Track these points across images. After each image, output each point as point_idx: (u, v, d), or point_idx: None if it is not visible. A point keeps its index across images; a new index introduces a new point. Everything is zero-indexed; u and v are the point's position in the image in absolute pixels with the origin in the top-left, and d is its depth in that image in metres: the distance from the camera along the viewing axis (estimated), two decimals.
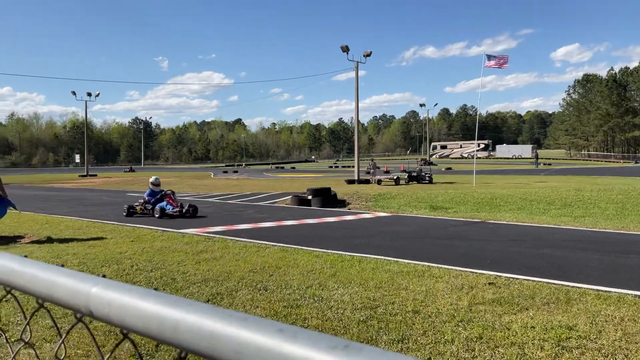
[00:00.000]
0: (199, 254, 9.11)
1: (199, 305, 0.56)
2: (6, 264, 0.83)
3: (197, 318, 0.53)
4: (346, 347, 0.43)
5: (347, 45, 31.87)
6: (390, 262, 8.23)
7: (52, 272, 0.75)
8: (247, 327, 0.50)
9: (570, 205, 16.58)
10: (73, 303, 0.69)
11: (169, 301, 0.58)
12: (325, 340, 0.45)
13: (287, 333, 0.47)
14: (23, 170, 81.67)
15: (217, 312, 0.54)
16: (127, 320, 0.60)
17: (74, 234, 11.61)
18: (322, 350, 0.44)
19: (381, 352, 0.42)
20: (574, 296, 6.20)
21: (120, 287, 0.65)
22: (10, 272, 0.81)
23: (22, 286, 0.79)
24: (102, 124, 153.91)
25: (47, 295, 0.73)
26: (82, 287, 0.68)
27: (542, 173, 43.16)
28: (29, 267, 0.79)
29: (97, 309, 0.65)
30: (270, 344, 0.47)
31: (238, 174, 54.35)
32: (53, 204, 20.58)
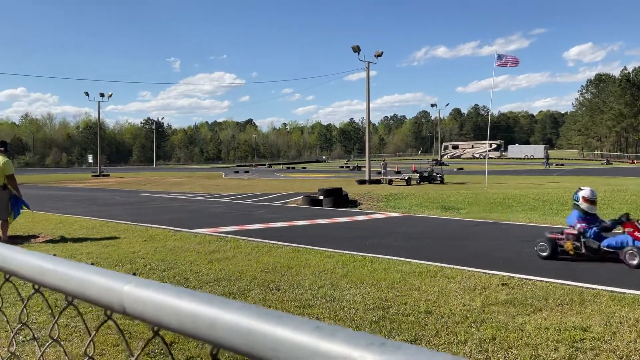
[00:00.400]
0: (211, 254, 9.15)
1: (235, 303, 0.57)
2: (38, 262, 0.85)
3: (233, 316, 0.54)
4: (383, 345, 0.44)
5: (358, 46, 31.88)
6: (403, 263, 8.22)
7: (84, 270, 0.76)
8: (284, 324, 0.51)
9: None
10: (106, 300, 0.70)
11: (205, 299, 0.59)
12: (362, 338, 0.46)
13: (324, 331, 0.48)
14: (37, 170, 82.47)
15: (253, 310, 0.55)
16: (162, 318, 0.62)
17: (87, 234, 11.71)
18: (360, 347, 0.44)
19: (417, 349, 0.42)
20: (588, 297, 6.16)
21: (154, 285, 0.66)
22: (42, 271, 0.83)
23: (54, 284, 0.80)
24: (115, 124, 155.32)
25: (79, 293, 0.75)
26: (114, 285, 0.70)
27: (554, 173, 42.87)
28: (60, 265, 0.81)
29: (130, 306, 0.66)
30: (307, 341, 0.48)
31: (249, 174, 54.50)
32: (66, 203, 20.76)
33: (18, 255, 0.91)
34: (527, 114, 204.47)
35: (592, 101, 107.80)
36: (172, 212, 16.74)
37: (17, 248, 0.95)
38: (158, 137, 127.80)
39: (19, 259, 0.90)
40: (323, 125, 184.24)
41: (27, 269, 0.87)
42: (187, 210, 17.54)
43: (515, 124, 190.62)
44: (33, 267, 0.86)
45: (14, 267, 0.91)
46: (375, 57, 32.90)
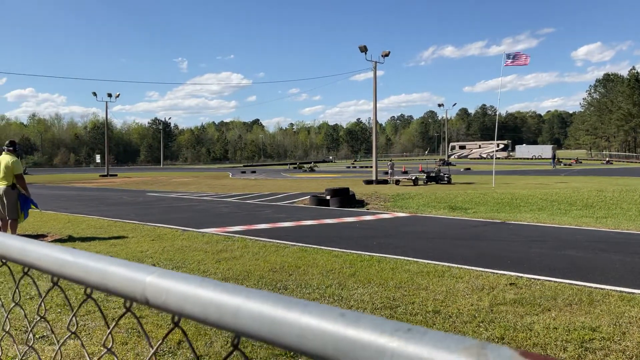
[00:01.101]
0: (219, 253, 9.17)
1: (259, 292, 0.58)
2: (59, 255, 0.86)
3: (258, 304, 0.55)
4: (409, 330, 0.44)
5: (365, 46, 31.86)
6: (410, 262, 8.22)
7: (104, 262, 0.77)
8: (309, 312, 0.51)
9: (592, 206, 16.38)
10: (128, 291, 0.71)
11: (228, 289, 0.60)
12: (388, 324, 0.46)
13: (349, 317, 0.49)
14: (45, 170, 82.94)
15: (277, 299, 0.55)
16: (185, 307, 0.63)
17: (95, 233, 11.77)
18: (386, 333, 0.45)
19: (444, 335, 0.43)
20: (597, 297, 6.14)
21: (176, 275, 0.67)
22: (63, 263, 0.84)
23: (75, 276, 0.81)
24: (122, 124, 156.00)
25: (101, 284, 0.76)
26: (137, 276, 0.70)
27: (562, 173, 42.69)
28: (81, 257, 0.82)
29: (153, 296, 0.67)
30: (332, 328, 0.49)
31: (256, 174, 54.59)
32: (74, 203, 20.87)
33: (38, 248, 0.92)
34: (534, 114, 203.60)
35: (600, 101, 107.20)
36: (179, 212, 16.79)
37: (37, 241, 0.97)
38: (165, 137, 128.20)
39: (39, 252, 0.91)
40: (330, 126, 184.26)
41: (47, 261, 0.88)
42: (194, 210, 17.59)
43: (522, 124, 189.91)
44: (53, 260, 0.87)
45: (34, 260, 0.92)
46: (382, 57, 32.86)
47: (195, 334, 4.97)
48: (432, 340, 0.42)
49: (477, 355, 0.40)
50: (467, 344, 0.41)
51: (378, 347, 0.45)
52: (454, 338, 0.43)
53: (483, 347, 0.41)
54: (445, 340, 0.42)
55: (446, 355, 0.41)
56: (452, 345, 0.42)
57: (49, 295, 6.15)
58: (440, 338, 0.43)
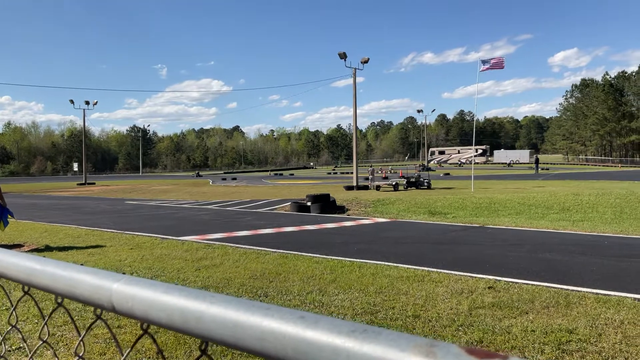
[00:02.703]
0: (199, 261, 9.11)
1: (222, 297, 0.59)
2: (26, 263, 0.86)
3: (221, 309, 0.56)
4: (365, 331, 0.45)
5: (344, 52, 32.03)
6: (390, 268, 8.25)
7: (72, 270, 0.77)
8: (270, 315, 0.52)
9: (569, 209, 16.63)
10: (95, 298, 0.71)
11: (192, 294, 0.60)
12: (345, 325, 0.48)
13: (308, 319, 0.50)
14: (22, 179, 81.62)
15: (239, 303, 0.56)
16: (150, 313, 0.63)
17: (72, 242, 11.61)
18: (342, 334, 0.46)
19: (398, 334, 0.44)
20: (574, 300, 6.23)
21: (143, 282, 0.68)
22: (31, 272, 0.84)
23: (44, 285, 0.81)
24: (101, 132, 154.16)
25: (68, 292, 0.75)
26: (104, 283, 0.71)
27: (540, 178, 43.26)
28: (50, 266, 0.82)
29: (119, 303, 0.67)
30: (292, 330, 0.50)
31: (237, 181, 54.37)
32: (51, 212, 20.57)
33: (5, 257, 0.92)
34: (512, 119, 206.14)
35: (576, 106, 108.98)
36: (158, 220, 16.65)
37: (5, 250, 0.96)
38: (144, 145, 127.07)
39: (7, 261, 0.91)
40: (310, 132, 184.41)
41: (16, 270, 0.88)
42: (174, 217, 17.46)
43: (500, 129, 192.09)
44: (22, 268, 0.86)
45: (2, 269, 0.91)
46: (361, 63, 33.05)
47: (175, 344, 4.93)
48: (385, 340, 0.44)
49: (427, 352, 0.41)
50: (417, 342, 0.43)
51: (335, 347, 0.46)
52: (406, 337, 0.44)
53: (432, 345, 0.42)
54: (398, 340, 0.44)
55: (398, 353, 0.42)
56: (403, 344, 0.43)
57: (26, 305, 6.05)
58: (393, 337, 0.44)
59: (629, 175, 46.91)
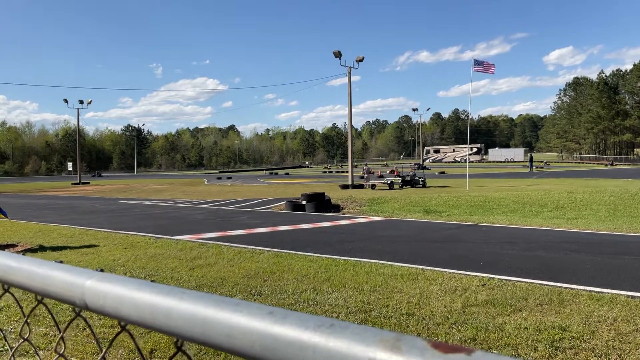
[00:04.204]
0: (193, 260, 9.09)
1: (192, 293, 0.58)
2: (3, 261, 0.85)
3: (190, 305, 0.55)
4: (332, 326, 0.45)
5: (339, 51, 32.00)
6: (385, 266, 8.25)
7: (48, 267, 0.76)
8: (239, 311, 0.51)
9: (563, 207, 16.67)
10: (68, 296, 0.70)
11: (163, 290, 0.60)
12: (312, 320, 0.47)
13: (277, 315, 0.49)
14: (16, 179, 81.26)
15: (209, 299, 0.55)
16: (121, 311, 0.62)
17: (66, 242, 11.57)
18: (309, 329, 0.45)
19: (364, 328, 0.44)
20: (567, 297, 6.24)
21: (116, 279, 0.67)
22: (8, 270, 0.83)
23: (20, 283, 0.80)
24: (95, 131, 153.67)
25: (43, 290, 0.74)
26: (77, 281, 0.70)
27: (534, 176, 43.36)
28: (25, 263, 0.81)
29: (91, 301, 0.66)
30: (260, 326, 0.49)
31: (232, 180, 54.30)
32: (45, 212, 20.49)
33: None
34: (507, 118, 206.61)
35: (570, 104, 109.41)
36: (153, 220, 16.61)
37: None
38: (139, 144, 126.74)
39: None
40: (306, 131, 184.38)
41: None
42: (168, 217, 17.42)
43: (495, 128, 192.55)
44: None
45: None
46: (356, 62, 33.03)
47: (168, 342, 4.91)
48: (351, 334, 0.43)
49: (392, 347, 0.40)
50: (383, 336, 0.42)
51: (302, 343, 0.45)
52: (372, 331, 0.44)
53: (398, 339, 0.41)
54: (363, 334, 0.43)
55: (363, 347, 0.41)
56: (369, 338, 0.42)
57: (14, 307, 6.02)
58: (359, 332, 0.43)
59: (623, 173, 47.09)
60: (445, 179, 40.54)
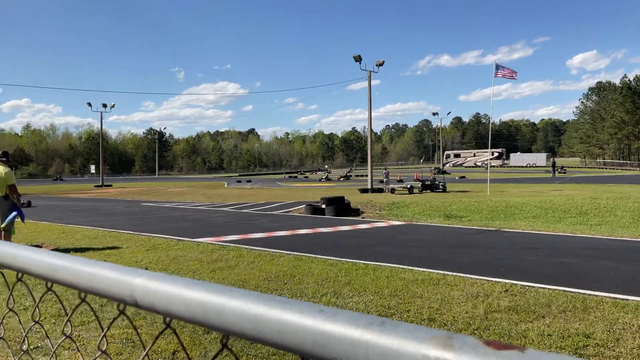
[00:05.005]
0: (214, 263, 9.16)
1: (242, 291, 0.60)
2: (50, 260, 0.88)
3: (241, 303, 0.57)
4: (382, 323, 0.46)
5: (359, 55, 32.05)
6: (405, 270, 8.23)
7: (95, 266, 0.79)
8: (289, 309, 0.54)
9: (586, 213, 16.45)
10: (117, 293, 0.73)
11: (214, 288, 0.62)
12: (363, 318, 0.49)
13: (327, 313, 0.51)
14: (39, 181, 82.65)
15: (260, 297, 0.58)
16: (171, 308, 0.64)
17: (90, 244, 11.74)
18: (361, 326, 0.47)
19: (415, 327, 0.45)
20: (591, 304, 6.16)
21: (164, 277, 0.69)
22: (55, 268, 0.86)
23: (67, 281, 0.83)
24: (118, 134, 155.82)
25: (91, 287, 0.77)
26: (126, 279, 0.72)
27: (557, 181, 42.84)
28: (72, 262, 0.84)
29: (142, 298, 0.69)
30: (311, 323, 0.51)
31: (251, 183, 54.59)
32: (69, 213, 20.80)
33: (30, 254, 0.94)
34: (528, 123, 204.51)
35: (593, 109, 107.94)
36: (174, 222, 16.77)
37: (29, 247, 0.98)
38: (160, 147, 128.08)
39: (31, 257, 0.93)
40: (325, 135, 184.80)
41: (40, 266, 0.90)
42: (189, 219, 17.57)
43: (517, 132, 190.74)
44: (45, 265, 0.88)
45: (26, 266, 0.94)
46: (376, 66, 33.04)
47: (190, 344, 4.96)
48: (403, 332, 0.45)
49: (444, 344, 0.42)
50: (435, 334, 0.44)
51: (353, 339, 0.47)
52: (424, 330, 0.45)
53: (450, 337, 0.43)
54: (415, 332, 0.44)
55: (415, 344, 0.43)
56: (421, 336, 0.44)
57: (43, 305, 6.13)
58: (411, 330, 0.45)
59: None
60: (466, 184, 40.27)
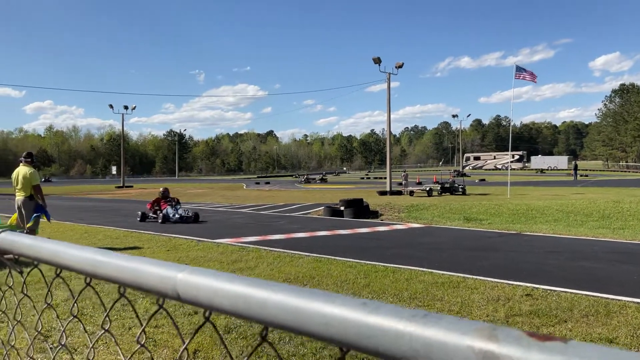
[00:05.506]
0: (234, 264, 9.22)
1: (283, 285, 0.62)
2: (92, 256, 0.91)
3: (283, 296, 0.59)
4: (425, 316, 0.48)
5: (379, 57, 32.03)
6: (425, 273, 8.20)
7: (136, 261, 0.82)
8: (331, 302, 0.56)
9: (609, 217, 16.22)
10: (160, 287, 0.75)
11: (255, 283, 0.64)
12: (406, 311, 0.50)
13: (370, 306, 0.53)
14: (61, 182, 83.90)
15: (301, 291, 0.60)
16: (215, 300, 0.67)
17: (111, 244, 11.89)
18: (404, 319, 0.49)
19: (458, 319, 0.47)
20: (614, 309, 6.08)
21: (206, 272, 0.72)
22: (96, 264, 0.89)
23: (109, 276, 0.86)
24: (138, 136, 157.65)
25: (134, 282, 0.80)
26: (168, 274, 0.75)
27: (579, 184, 42.31)
28: (113, 258, 0.87)
29: (184, 292, 0.72)
30: (354, 315, 0.53)
31: (270, 185, 54.79)
32: (91, 214, 21.08)
33: (70, 250, 0.97)
34: (550, 125, 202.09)
35: (616, 111, 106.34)
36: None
37: (69, 243, 1.02)
38: (180, 149, 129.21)
39: (72, 254, 0.96)
40: (344, 137, 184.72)
41: (80, 262, 0.93)
42: (209, 220, 17.70)
43: (538, 135, 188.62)
44: (86, 260, 0.92)
45: (67, 262, 0.97)
46: (395, 68, 32.98)
47: (211, 344, 5.01)
48: (446, 324, 0.46)
49: (488, 336, 0.43)
50: (478, 326, 0.45)
51: (397, 331, 0.49)
52: (467, 322, 0.47)
53: (494, 329, 0.44)
54: (459, 324, 0.46)
55: (459, 336, 0.44)
56: (464, 328, 0.45)
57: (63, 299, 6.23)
58: (454, 322, 0.46)
59: None
60: (486, 187, 39.96)
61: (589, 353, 0.38)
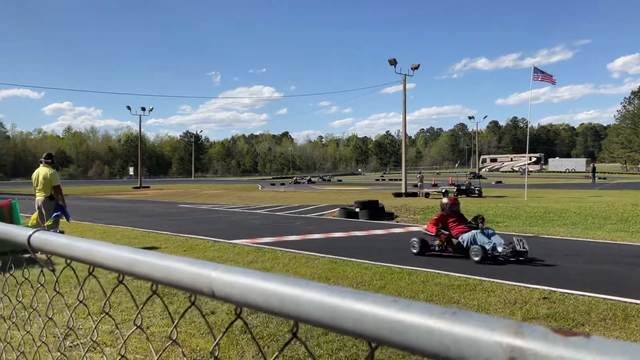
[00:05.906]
0: (250, 265, 9.28)
1: (315, 284, 0.65)
2: (126, 254, 0.95)
3: (316, 294, 0.62)
4: (454, 314, 0.51)
5: (394, 59, 32.02)
6: (441, 276, 8.18)
7: (170, 260, 0.86)
8: (363, 300, 0.58)
9: (628, 220, 16.03)
10: (194, 285, 0.79)
11: (288, 281, 0.67)
12: (435, 309, 0.53)
13: (401, 304, 0.56)
14: (80, 182, 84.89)
15: (333, 289, 0.63)
16: (249, 298, 0.70)
17: (129, 243, 12.01)
18: (434, 316, 0.52)
19: (486, 316, 0.49)
20: (632, 312, 6.03)
21: (239, 270, 0.75)
22: (130, 262, 0.93)
23: (143, 273, 0.90)
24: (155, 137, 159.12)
25: (168, 279, 0.84)
26: (203, 271, 0.78)
27: (597, 187, 41.85)
28: (148, 256, 0.90)
29: (218, 289, 0.75)
30: (386, 313, 0.56)
31: (285, 186, 54.94)
32: (109, 214, 21.33)
33: (105, 249, 1.01)
34: (568, 127, 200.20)
35: (635, 113, 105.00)
36: (210, 223, 17.02)
37: (104, 242, 1.06)
38: (196, 150, 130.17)
39: (106, 252, 1.00)
40: (359, 138, 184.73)
41: (115, 260, 0.97)
42: (225, 221, 17.81)
43: (556, 137, 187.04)
44: (121, 258, 0.95)
45: (101, 260, 1.01)
46: (411, 69, 32.93)
47: (228, 344, 5.05)
48: (475, 321, 0.49)
49: (515, 332, 0.46)
50: (505, 323, 0.48)
51: (428, 327, 0.51)
52: (494, 319, 0.49)
53: (520, 325, 0.47)
54: (487, 321, 0.49)
55: (488, 332, 0.47)
56: (492, 324, 0.48)
57: (99, 305, 6.32)
58: (482, 319, 0.49)
59: None
60: (503, 189, 39.69)
61: (611, 348, 0.40)
